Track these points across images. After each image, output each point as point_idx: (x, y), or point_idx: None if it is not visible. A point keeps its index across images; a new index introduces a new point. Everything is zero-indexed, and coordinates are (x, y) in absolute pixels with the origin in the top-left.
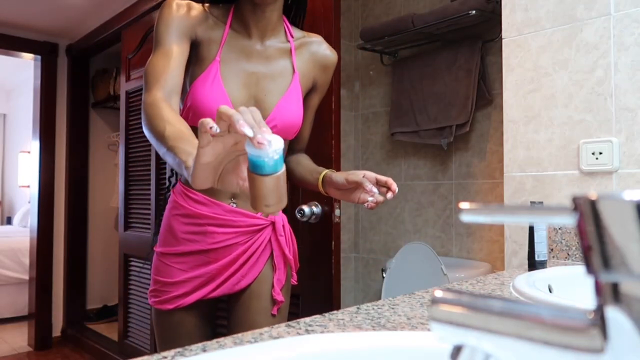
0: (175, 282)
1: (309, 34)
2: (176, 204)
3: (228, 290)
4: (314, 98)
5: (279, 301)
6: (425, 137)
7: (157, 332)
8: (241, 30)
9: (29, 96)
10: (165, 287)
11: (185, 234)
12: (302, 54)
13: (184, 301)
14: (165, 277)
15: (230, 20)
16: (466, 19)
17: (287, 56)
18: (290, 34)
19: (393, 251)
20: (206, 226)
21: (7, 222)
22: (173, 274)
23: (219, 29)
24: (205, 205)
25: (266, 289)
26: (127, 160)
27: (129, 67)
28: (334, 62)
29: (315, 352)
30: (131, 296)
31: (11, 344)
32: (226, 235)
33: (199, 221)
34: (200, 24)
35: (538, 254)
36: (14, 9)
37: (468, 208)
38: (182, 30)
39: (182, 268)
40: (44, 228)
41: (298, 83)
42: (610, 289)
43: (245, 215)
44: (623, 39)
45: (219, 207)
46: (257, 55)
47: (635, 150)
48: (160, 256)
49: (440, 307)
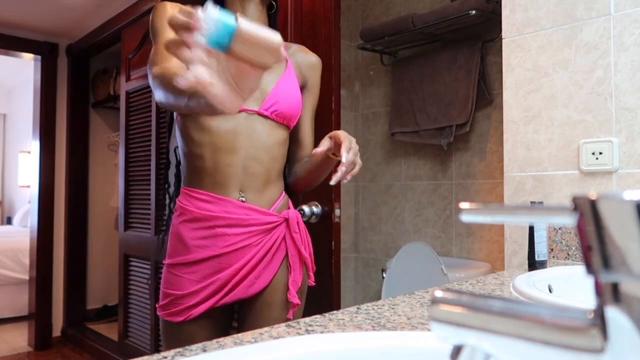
0: (186, 294)
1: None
2: (182, 210)
3: (241, 294)
4: (309, 99)
5: (295, 304)
6: (425, 137)
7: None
8: None
9: (29, 96)
10: (176, 300)
11: (195, 239)
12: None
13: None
14: (176, 290)
15: None
16: (466, 19)
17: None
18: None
19: (393, 251)
20: (216, 228)
21: (7, 222)
22: (184, 285)
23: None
24: (213, 204)
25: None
26: (127, 160)
27: (129, 67)
28: (319, 64)
29: (315, 352)
30: (131, 296)
31: (11, 344)
32: (238, 236)
33: (208, 224)
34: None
35: (538, 254)
36: (14, 9)
37: (468, 208)
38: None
39: (194, 278)
40: (44, 228)
41: (292, 69)
42: (610, 289)
43: (256, 211)
44: (623, 39)
45: (228, 203)
46: None
47: (635, 150)
48: (170, 268)
49: (440, 307)
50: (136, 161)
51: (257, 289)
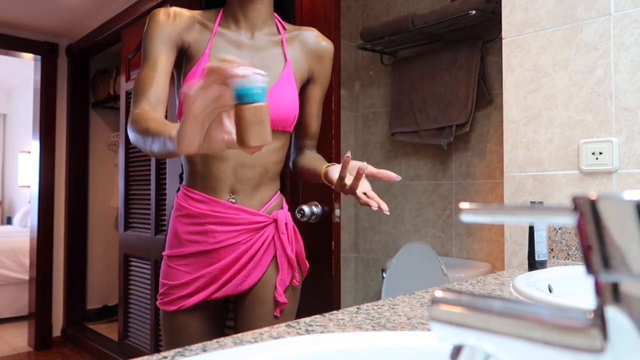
0: (179, 284)
1: (303, 27)
2: (179, 206)
3: (232, 291)
4: (315, 90)
5: (282, 303)
6: (425, 137)
7: (163, 335)
8: (231, 25)
9: (29, 96)
10: (171, 289)
11: (188, 234)
12: (293, 44)
13: (186, 302)
14: (171, 280)
15: (219, 18)
16: (466, 19)
17: (278, 46)
18: (282, 27)
19: (393, 251)
20: (207, 225)
21: (7, 222)
22: (178, 276)
23: (209, 29)
24: (205, 204)
25: (270, 292)
26: (127, 160)
27: (129, 67)
28: (329, 51)
29: (315, 352)
30: (131, 296)
31: (11, 344)
32: (227, 234)
33: (199, 220)
34: (188, 29)
35: (538, 254)
36: (14, 9)
37: (468, 208)
38: (168, 39)
39: (187, 270)
40: (44, 228)
41: (290, 71)
42: (610, 289)
43: (245, 211)
44: (623, 39)
45: (218, 204)
46: (247, 47)
47: (635, 150)
48: (167, 260)
49: (440, 307)
50: (136, 161)
51: (247, 286)
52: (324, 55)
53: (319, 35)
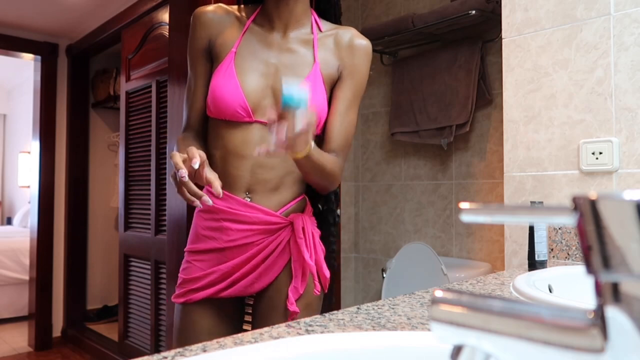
0: (192, 278)
1: (341, 27)
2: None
3: (240, 292)
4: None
5: (292, 312)
6: (425, 137)
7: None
8: (264, 23)
9: (29, 96)
10: (184, 283)
11: (205, 229)
12: (326, 44)
13: (194, 296)
14: (184, 275)
15: (254, 16)
16: (466, 19)
17: (309, 47)
18: (318, 27)
19: (393, 251)
20: (222, 221)
21: (7, 222)
22: (192, 271)
23: (242, 25)
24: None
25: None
26: (127, 160)
27: (129, 67)
28: (363, 46)
29: (315, 352)
30: (131, 296)
31: (11, 344)
32: (241, 232)
33: (215, 216)
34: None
35: (538, 254)
36: (14, 9)
37: (468, 208)
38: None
39: (201, 266)
40: (44, 228)
41: (319, 72)
42: (610, 288)
43: (260, 210)
44: (623, 39)
45: (234, 200)
46: (277, 47)
47: (635, 150)
48: (186, 255)
49: (440, 307)
50: (136, 161)
51: (257, 289)
52: (356, 51)
53: (355, 34)
